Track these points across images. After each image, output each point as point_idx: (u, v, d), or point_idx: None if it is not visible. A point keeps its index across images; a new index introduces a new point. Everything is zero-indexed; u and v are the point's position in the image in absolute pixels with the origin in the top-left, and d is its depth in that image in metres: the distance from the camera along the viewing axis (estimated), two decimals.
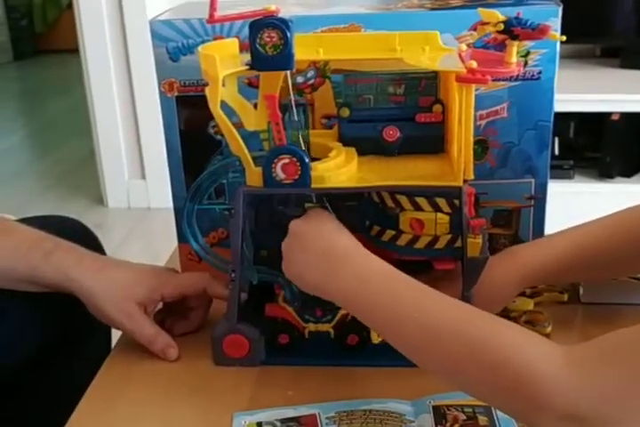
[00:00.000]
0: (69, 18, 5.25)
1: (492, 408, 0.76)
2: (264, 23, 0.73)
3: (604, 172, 2.40)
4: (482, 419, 0.76)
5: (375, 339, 0.84)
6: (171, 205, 1.00)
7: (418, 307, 0.69)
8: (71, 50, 4.94)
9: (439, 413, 0.77)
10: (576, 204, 2.17)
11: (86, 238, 0.97)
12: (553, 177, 0.96)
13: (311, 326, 0.86)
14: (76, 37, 2.90)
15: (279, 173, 0.78)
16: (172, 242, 1.07)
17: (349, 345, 0.86)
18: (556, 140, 2.32)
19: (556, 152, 2.33)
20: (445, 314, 0.68)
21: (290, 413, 0.78)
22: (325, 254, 0.76)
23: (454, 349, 0.65)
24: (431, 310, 0.68)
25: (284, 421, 0.77)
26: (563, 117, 0.96)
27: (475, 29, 0.87)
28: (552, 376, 0.59)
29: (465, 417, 0.76)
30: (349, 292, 0.73)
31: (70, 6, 5.25)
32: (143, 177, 2.93)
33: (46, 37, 6.06)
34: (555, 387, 0.58)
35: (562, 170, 2.35)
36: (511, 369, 0.60)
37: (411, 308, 0.69)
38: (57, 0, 6.01)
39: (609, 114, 2.33)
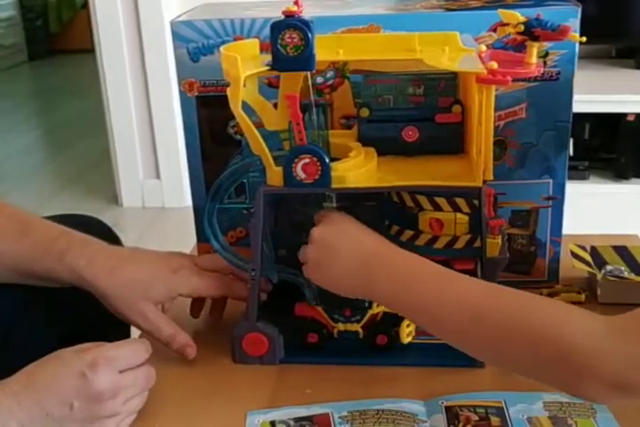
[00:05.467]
0: (84, 18, 5.31)
1: (505, 409, 0.77)
2: (286, 24, 0.74)
3: (620, 173, 2.39)
4: (494, 420, 0.76)
5: (404, 338, 0.84)
6: (185, 204, 1.01)
7: (457, 296, 0.71)
8: (85, 50, 4.99)
9: (452, 413, 0.77)
10: (591, 205, 2.17)
11: (108, 237, 0.97)
12: (568, 178, 0.96)
13: (340, 326, 0.87)
14: (91, 37, 2.91)
15: (299, 172, 0.79)
16: (188, 241, 1.08)
17: (378, 345, 0.86)
18: (571, 140, 2.32)
19: (571, 153, 2.33)
20: (483, 298, 0.70)
21: (303, 412, 0.78)
22: (360, 258, 0.76)
23: (497, 328, 0.67)
24: (469, 295, 0.70)
25: (297, 420, 0.77)
26: (578, 118, 0.96)
27: (494, 30, 0.88)
28: (596, 346, 0.61)
29: (477, 418, 0.77)
30: (393, 291, 0.74)
31: (84, 6, 5.31)
32: (158, 177, 2.94)
33: (61, 37, 6.10)
34: (599, 356, 0.61)
35: (577, 171, 2.34)
36: (555, 342, 0.63)
37: (451, 298, 0.71)
38: (72, 0, 6.04)
39: (624, 115, 2.33)
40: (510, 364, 0.69)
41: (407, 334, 0.84)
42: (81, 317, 0.96)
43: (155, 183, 2.95)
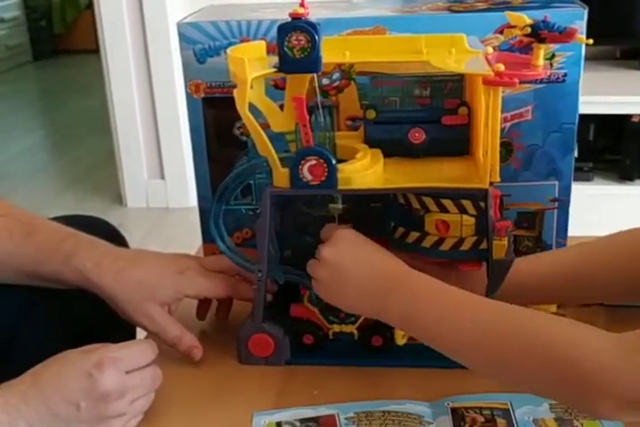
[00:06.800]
0: (88, 18, 5.32)
1: (511, 411, 0.77)
2: (292, 26, 0.74)
3: (624, 174, 2.39)
4: (500, 421, 0.76)
5: (399, 340, 0.84)
6: (189, 205, 1.01)
7: (471, 317, 0.71)
8: (90, 50, 5.00)
9: (457, 415, 0.77)
10: (595, 206, 2.17)
11: (114, 239, 0.97)
12: (572, 179, 0.97)
13: (335, 327, 0.87)
14: (95, 38, 2.92)
15: (306, 174, 0.79)
16: (192, 242, 1.08)
17: (373, 346, 0.87)
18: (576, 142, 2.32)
19: (576, 154, 2.32)
20: (497, 319, 0.70)
21: (309, 413, 0.78)
22: (373, 281, 0.76)
23: (511, 350, 0.67)
24: (483, 316, 0.70)
25: (303, 421, 0.77)
26: (582, 119, 0.96)
27: (500, 32, 0.88)
28: (608, 364, 0.61)
29: (483, 419, 0.77)
30: (407, 313, 0.74)
31: (88, 7, 5.31)
32: (162, 177, 2.95)
33: (65, 38, 6.11)
34: (611, 374, 0.61)
35: (581, 172, 2.34)
36: (567, 361, 0.63)
37: (466, 320, 0.71)
38: (76, 1, 6.05)
39: (629, 116, 2.32)
40: (524, 384, 0.69)
41: (402, 335, 0.84)
42: (87, 318, 0.97)
43: (159, 184, 2.95)
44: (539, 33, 0.76)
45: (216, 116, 0.97)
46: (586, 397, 0.63)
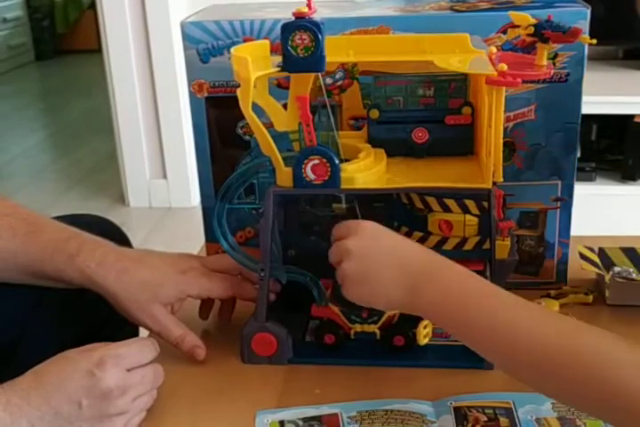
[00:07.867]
0: (90, 18, 5.33)
1: (513, 410, 0.77)
2: (296, 25, 0.74)
3: (627, 174, 2.39)
4: (503, 420, 0.76)
5: (421, 340, 0.85)
6: (192, 204, 1.01)
7: (514, 323, 0.67)
8: (92, 50, 5.01)
9: (460, 414, 0.77)
10: (598, 206, 2.17)
11: (117, 238, 0.97)
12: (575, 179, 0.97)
13: (357, 327, 0.87)
14: (98, 37, 2.92)
15: (309, 173, 0.79)
16: (194, 241, 1.08)
17: (395, 346, 0.86)
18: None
19: (578, 154, 2.33)
20: (542, 328, 0.67)
21: (312, 412, 0.78)
22: (404, 269, 0.73)
23: (546, 359, 0.64)
24: (527, 324, 0.67)
25: (306, 419, 0.77)
26: (585, 119, 0.96)
27: (503, 32, 0.88)
28: None
29: (486, 418, 0.77)
30: (441, 307, 0.71)
31: (91, 6, 5.32)
32: (164, 177, 2.95)
33: (67, 38, 6.11)
34: None
35: (584, 172, 2.33)
36: (602, 382, 0.61)
37: (507, 325, 0.67)
38: (78, 0, 6.05)
39: (632, 116, 2.32)
40: (560, 396, 0.67)
41: (424, 335, 0.84)
42: (90, 317, 0.97)
43: (161, 183, 2.95)
44: (542, 33, 0.76)
45: (219, 116, 0.97)
46: (620, 418, 0.61)
